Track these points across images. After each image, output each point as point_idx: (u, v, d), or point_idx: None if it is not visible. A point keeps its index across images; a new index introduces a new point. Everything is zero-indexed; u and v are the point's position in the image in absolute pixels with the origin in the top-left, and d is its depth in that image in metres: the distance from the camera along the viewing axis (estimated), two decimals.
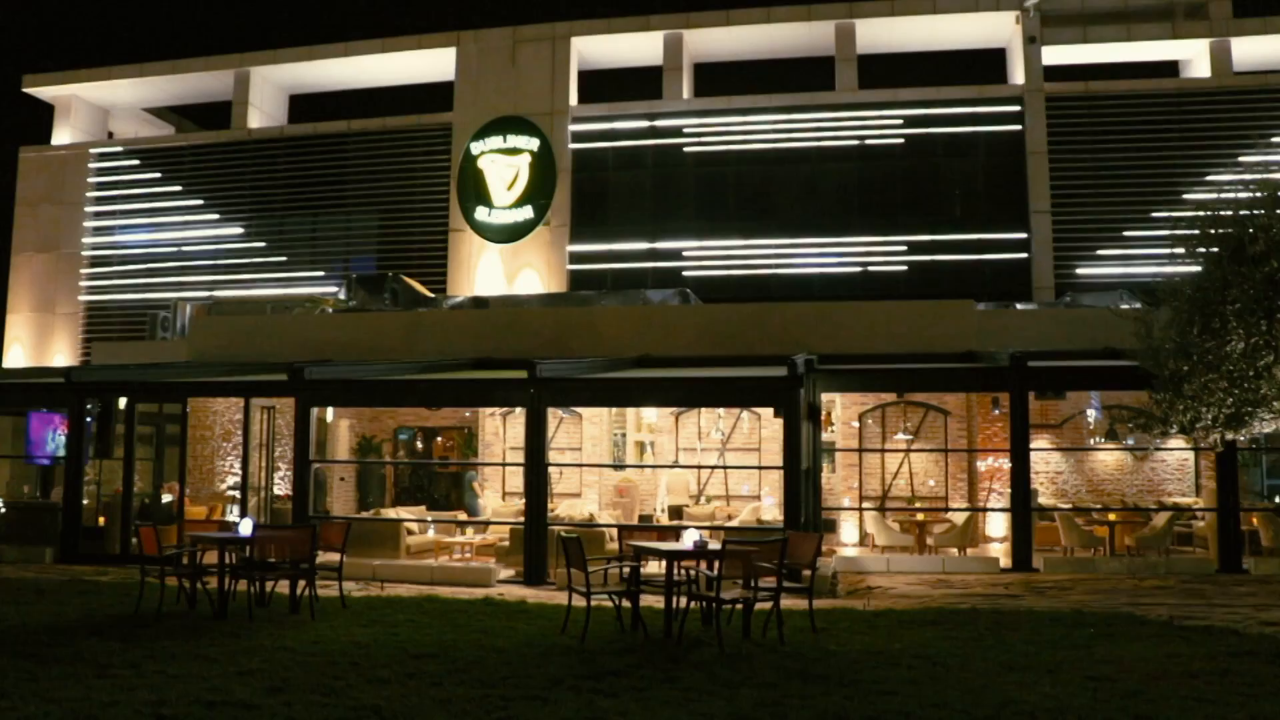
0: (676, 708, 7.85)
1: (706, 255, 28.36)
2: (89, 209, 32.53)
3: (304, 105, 34.29)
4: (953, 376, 18.31)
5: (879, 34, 29.22)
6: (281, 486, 20.94)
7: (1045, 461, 20.53)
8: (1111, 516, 18.06)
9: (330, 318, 23.72)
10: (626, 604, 11.20)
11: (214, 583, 12.14)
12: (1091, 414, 20.70)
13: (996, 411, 19.89)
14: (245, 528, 12.74)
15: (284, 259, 30.94)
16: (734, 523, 18.18)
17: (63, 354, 31.77)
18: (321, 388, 17.43)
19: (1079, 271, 26.74)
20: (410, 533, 17.47)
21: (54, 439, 20.97)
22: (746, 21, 29.09)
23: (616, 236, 28.79)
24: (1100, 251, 26.80)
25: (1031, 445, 17.39)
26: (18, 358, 32.05)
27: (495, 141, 29.43)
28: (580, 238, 28.88)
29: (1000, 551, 18.13)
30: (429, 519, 18.73)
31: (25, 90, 33.58)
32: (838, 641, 10.56)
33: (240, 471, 19.24)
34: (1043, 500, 19.67)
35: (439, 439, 23.28)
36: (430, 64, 31.24)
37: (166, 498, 19.66)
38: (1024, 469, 16.80)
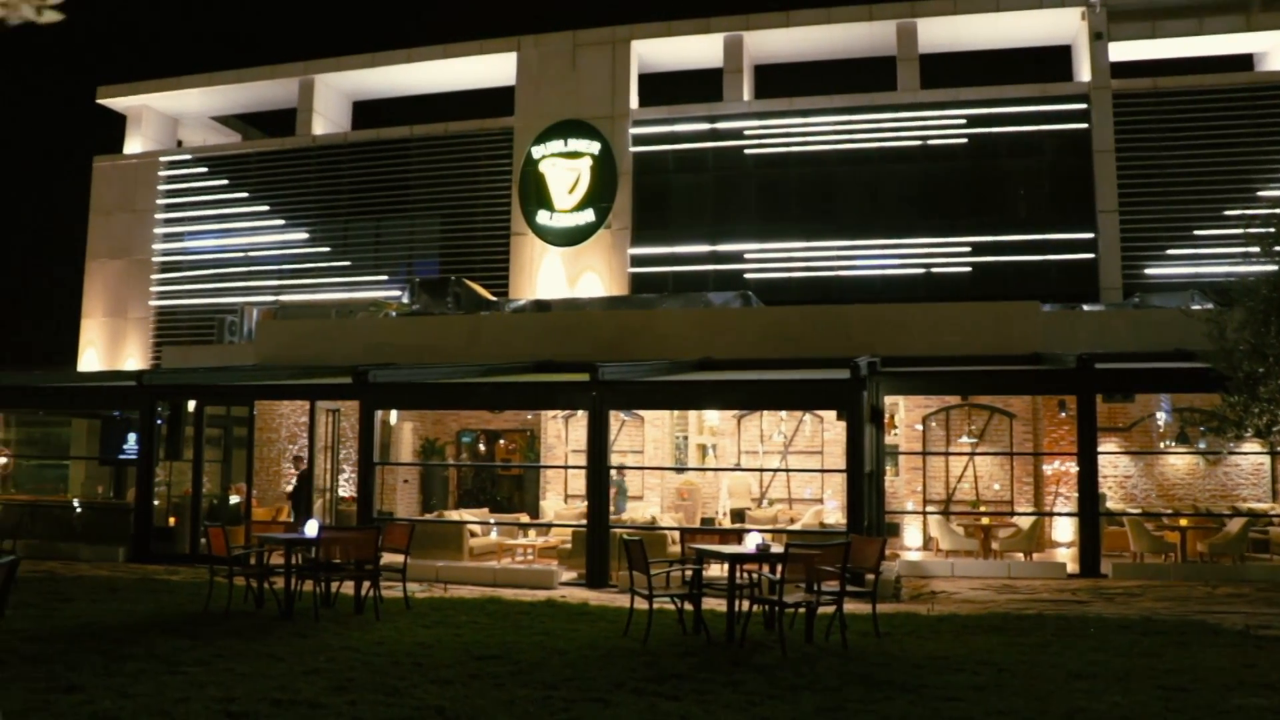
0: (738, 711, 7.82)
1: (768, 257, 28.25)
2: (159, 216, 33.19)
3: (367, 111, 34.73)
4: (1018, 379, 18.09)
5: (941, 33, 28.93)
6: (346, 488, 21.19)
7: (1114, 465, 20.17)
8: (1183, 522, 17.70)
9: (394, 321, 23.98)
10: (689, 607, 11.19)
11: (281, 583, 12.31)
12: (1161, 417, 20.32)
13: (1063, 414, 19.59)
14: (311, 529, 12.90)
15: (348, 263, 31.32)
16: (796, 526, 18.10)
17: (134, 358, 32.44)
18: (385, 390, 17.61)
19: (1148, 271, 26.25)
20: (473, 535, 17.60)
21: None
22: (807, 22, 28.95)
23: (678, 239, 28.79)
24: (1170, 251, 26.28)
25: (1099, 449, 17.11)
26: (92, 361, 32.77)
27: (556, 145, 29.57)
28: (641, 240, 28.91)
29: (1067, 557, 17.85)
30: (492, 521, 18.85)
31: (99, 101, 34.36)
32: (901, 646, 10.46)
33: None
34: (1111, 505, 19.33)
35: (501, 441, 23.42)
36: (491, 69, 31.47)
37: (234, 499, 19.98)
38: (1091, 473, 16.52)
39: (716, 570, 13.10)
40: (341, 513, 20.04)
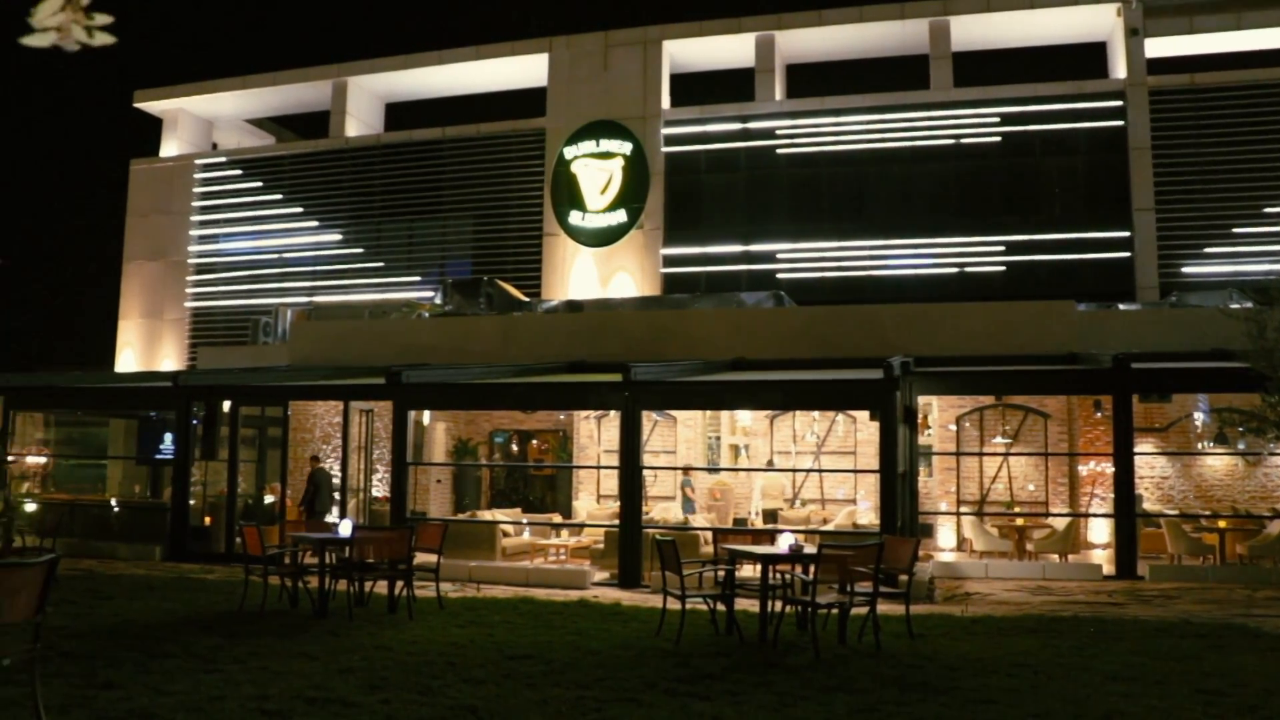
0: (771, 713, 7.79)
1: (800, 257, 28.17)
2: (195, 218, 33.49)
3: (400, 113, 34.90)
4: (1053, 379, 17.95)
5: (974, 31, 28.75)
6: (379, 488, 21.30)
7: (1150, 466, 19.96)
8: (1221, 524, 17.51)
9: (426, 322, 24.09)
10: (721, 608, 11.17)
11: (314, 582, 12.39)
12: (1199, 417, 20.10)
13: (1099, 414, 19.43)
14: (345, 529, 12.98)
15: (381, 264, 31.49)
16: (829, 526, 18.04)
17: (170, 358, 32.74)
18: (418, 391, 17.69)
19: (1185, 270, 25.96)
20: (506, 535, 17.65)
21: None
22: (838, 21, 28.83)
23: (710, 239, 28.75)
24: (1208, 249, 25.98)
25: (1136, 449, 16.96)
26: (129, 362, 33.11)
27: (588, 146, 29.60)
28: (674, 241, 28.90)
29: (1103, 558, 17.69)
30: (524, 521, 18.89)
31: (135, 105, 34.71)
32: (935, 648, 10.40)
33: (339, 473, 19.62)
34: (1148, 506, 19.16)
35: (534, 442, 23.47)
36: (523, 70, 31.54)
37: (269, 499, 20.13)
38: (1128, 473, 16.38)
39: (749, 571, 13.08)
40: (375, 512, 20.16)
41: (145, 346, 33.28)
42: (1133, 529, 16.35)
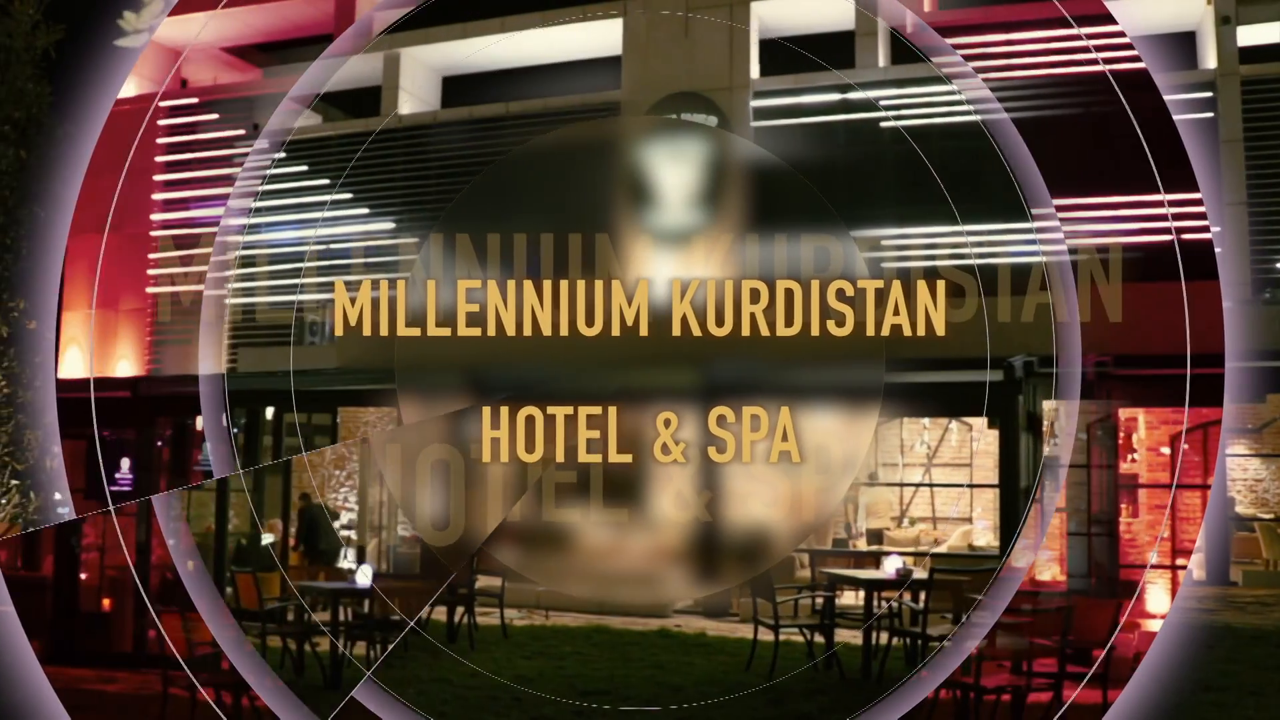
0: None
1: (908, 243, 27.88)
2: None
3: (458, 87, 35.14)
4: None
5: None
6: None
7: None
8: None
9: None
10: (819, 639, 11.13)
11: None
12: None
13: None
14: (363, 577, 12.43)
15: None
16: (942, 548, 17.92)
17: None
18: None
19: (1279, 265, 25.53)
20: None
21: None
22: None
23: None
24: None
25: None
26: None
27: None
28: None
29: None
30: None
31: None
32: None
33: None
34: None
35: None
36: (595, 39, 31.60)
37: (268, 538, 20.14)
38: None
39: (851, 598, 13.02)
40: None
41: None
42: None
